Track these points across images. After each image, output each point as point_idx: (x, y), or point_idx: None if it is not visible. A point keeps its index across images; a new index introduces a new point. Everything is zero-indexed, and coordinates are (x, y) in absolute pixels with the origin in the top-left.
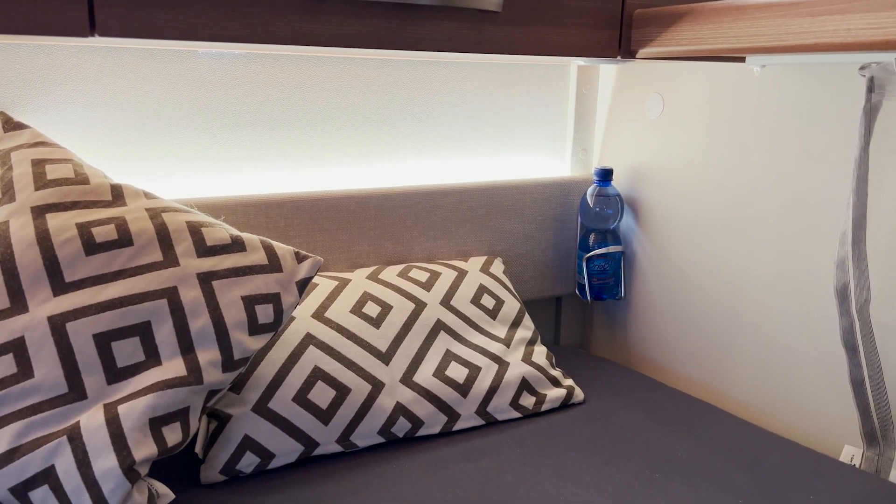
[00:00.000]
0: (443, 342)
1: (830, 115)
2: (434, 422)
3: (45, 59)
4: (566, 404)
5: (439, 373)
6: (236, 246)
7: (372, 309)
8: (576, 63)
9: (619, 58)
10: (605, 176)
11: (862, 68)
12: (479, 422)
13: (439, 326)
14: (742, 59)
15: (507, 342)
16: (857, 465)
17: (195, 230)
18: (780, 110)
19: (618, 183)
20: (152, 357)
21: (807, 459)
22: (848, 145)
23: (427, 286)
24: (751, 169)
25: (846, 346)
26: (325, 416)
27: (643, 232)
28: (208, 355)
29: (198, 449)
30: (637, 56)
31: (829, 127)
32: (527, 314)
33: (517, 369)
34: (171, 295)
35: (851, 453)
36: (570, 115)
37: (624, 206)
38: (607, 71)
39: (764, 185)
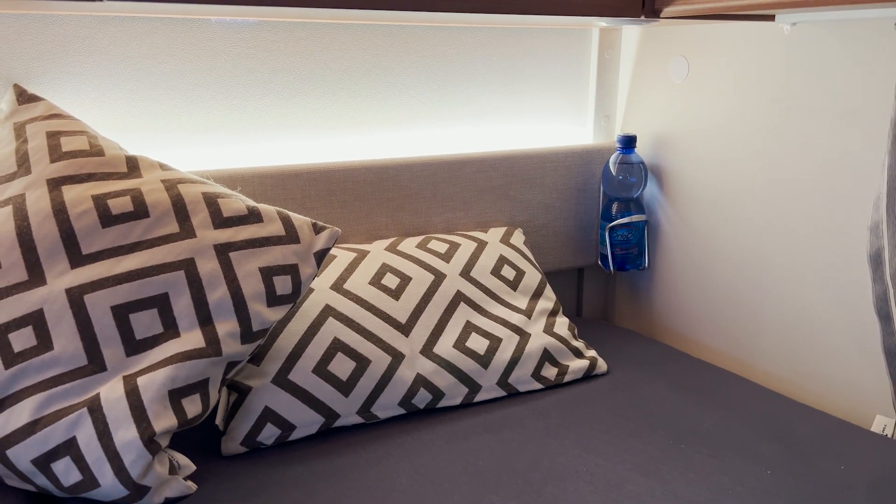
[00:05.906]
0: (463, 313)
1: (864, 74)
2: (455, 393)
3: (58, 30)
4: (589, 375)
5: (460, 344)
6: (253, 217)
7: (391, 280)
8: (598, 25)
9: (642, 17)
10: (629, 143)
11: None
12: (501, 393)
13: (459, 298)
14: (771, 18)
15: (528, 313)
16: (889, 436)
17: (211, 201)
18: (811, 71)
19: (641, 150)
20: (170, 329)
21: (837, 430)
22: (883, 105)
23: (446, 257)
24: (780, 132)
25: (879, 314)
26: (345, 387)
27: (667, 200)
28: (227, 327)
29: (218, 421)
30: (661, 15)
31: (862, 87)
32: (548, 285)
33: (539, 340)
34: (188, 266)
35: (883, 423)
36: (592, 80)
37: (648, 174)
38: (630, 34)
39: (793, 149)
